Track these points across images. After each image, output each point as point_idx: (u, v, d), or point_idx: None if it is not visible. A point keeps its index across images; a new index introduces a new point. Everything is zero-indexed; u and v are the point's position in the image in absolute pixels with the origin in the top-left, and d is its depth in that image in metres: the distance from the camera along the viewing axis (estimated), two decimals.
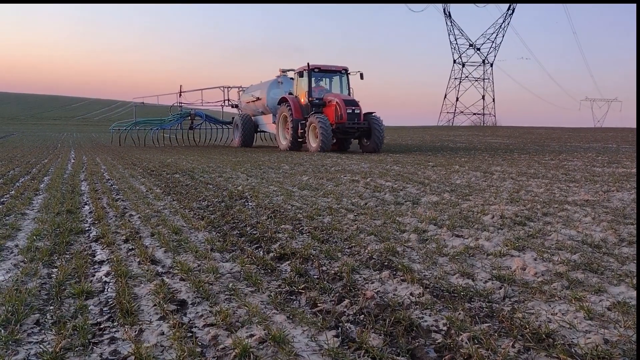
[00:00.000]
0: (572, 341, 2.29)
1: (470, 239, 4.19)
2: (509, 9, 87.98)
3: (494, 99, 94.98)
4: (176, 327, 2.51)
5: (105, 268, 3.62)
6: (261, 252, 3.98)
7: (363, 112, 18.71)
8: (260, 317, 2.64)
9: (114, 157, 16.58)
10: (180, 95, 30.01)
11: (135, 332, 2.49)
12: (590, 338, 2.29)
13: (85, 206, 6.37)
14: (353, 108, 18.41)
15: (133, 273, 3.44)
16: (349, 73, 20.41)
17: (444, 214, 5.32)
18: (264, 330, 2.45)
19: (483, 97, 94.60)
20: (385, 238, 4.29)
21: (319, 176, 9.44)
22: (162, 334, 2.47)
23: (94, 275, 3.44)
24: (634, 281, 3.03)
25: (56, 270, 3.51)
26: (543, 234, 4.37)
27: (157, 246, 4.22)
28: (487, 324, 2.48)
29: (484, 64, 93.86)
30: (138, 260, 3.78)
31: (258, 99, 23.91)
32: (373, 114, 18.94)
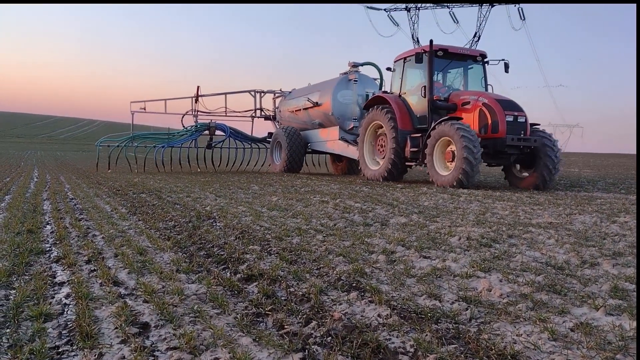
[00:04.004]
0: None
1: (437, 260, 4.22)
2: (474, 35, 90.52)
3: None
4: (137, 350, 2.43)
5: (66, 290, 3.51)
6: (228, 273, 3.92)
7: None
8: (225, 339, 2.59)
9: (78, 176, 16.22)
10: (196, 100, 21.82)
11: (94, 356, 2.41)
12: (554, 359, 2.32)
13: (47, 226, 6.19)
14: (515, 114, 11.28)
15: (94, 295, 3.34)
16: (487, 62, 13.02)
17: (412, 236, 5.35)
18: (229, 353, 2.40)
19: None
20: (353, 259, 4.29)
21: (288, 197, 9.41)
22: (123, 357, 2.40)
23: (54, 297, 3.33)
24: (596, 302, 3.09)
25: (14, 291, 3.38)
26: (508, 255, 4.44)
27: (121, 267, 4.11)
28: (453, 345, 2.49)
29: None
30: (100, 281, 3.67)
31: (316, 104, 17.68)
32: (537, 126, 11.86)
